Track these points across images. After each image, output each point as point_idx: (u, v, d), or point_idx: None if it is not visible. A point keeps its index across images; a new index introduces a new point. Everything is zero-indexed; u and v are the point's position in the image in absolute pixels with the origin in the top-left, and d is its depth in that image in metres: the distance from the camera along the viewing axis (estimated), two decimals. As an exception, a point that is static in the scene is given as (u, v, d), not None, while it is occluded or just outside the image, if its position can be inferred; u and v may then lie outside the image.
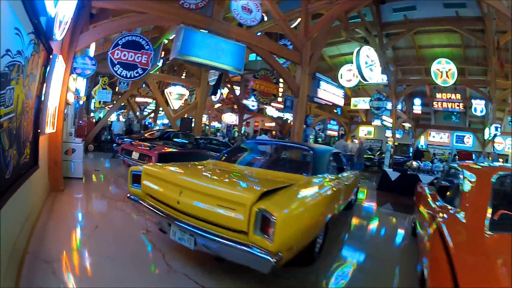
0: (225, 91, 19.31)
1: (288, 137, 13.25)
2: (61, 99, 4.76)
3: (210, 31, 6.18)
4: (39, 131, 3.06)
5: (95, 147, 11.51)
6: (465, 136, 20.52)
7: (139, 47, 5.80)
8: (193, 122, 12.88)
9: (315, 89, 9.31)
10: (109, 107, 17.62)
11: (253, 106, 18.97)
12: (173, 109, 14.48)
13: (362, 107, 19.01)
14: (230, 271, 2.68)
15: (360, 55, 10.94)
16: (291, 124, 13.34)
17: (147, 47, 5.84)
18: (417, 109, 19.57)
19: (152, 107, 21.88)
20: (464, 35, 12.76)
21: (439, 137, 21.73)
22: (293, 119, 8.81)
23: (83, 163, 6.22)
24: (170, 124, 13.67)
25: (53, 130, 4.31)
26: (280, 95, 14.32)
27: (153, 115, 21.53)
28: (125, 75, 5.74)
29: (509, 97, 13.58)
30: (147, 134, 10.29)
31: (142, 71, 5.81)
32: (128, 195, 3.16)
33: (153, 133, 10.28)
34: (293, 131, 8.54)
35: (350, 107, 19.54)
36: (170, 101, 14.40)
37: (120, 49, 5.67)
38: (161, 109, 16.46)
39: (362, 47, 11.16)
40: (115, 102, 15.12)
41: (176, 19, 5.99)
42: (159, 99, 14.15)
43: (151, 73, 11.32)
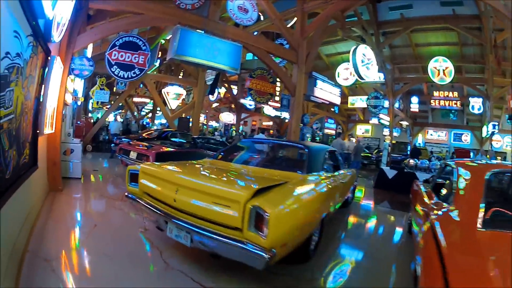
0: (223, 90, 19.28)
1: (285, 135, 13.27)
2: (60, 100, 4.78)
3: (206, 31, 6.21)
4: (38, 132, 3.10)
5: (93, 148, 11.53)
6: (463, 134, 20.56)
7: (136, 47, 5.84)
8: (190, 121, 12.91)
9: (311, 88, 9.34)
10: (107, 108, 17.64)
11: (250, 105, 18.91)
12: (170, 109, 14.49)
13: (359, 105, 19.02)
14: (226, 268, 2.72)
15: (356, 53, 10.97)
16: (288, 123, 13.37)
17: (144, 48, 5.88)
18: (415, 107, 19.65)
19: (149, 107, 21.93)
20: (461, 33, 12.77)
21: (436, 135, 21.77)
22: (290, 118, 8.86)
23: (82, 163, 6.25)
24: (167, 124, 13.69)
25: (52, 130, 4.34)
26: (277, 94, 14.34)
27: (150, 115, 21.57)
28: (122, 76, 5.79)
29: (506, 94, 13.60)
30: (145, 134, 10.30)
31: (139, 72, 5.86)
32: (126, 194, 3.20)
33: (150, 132, 10.28)
34: (289, 130, 8.58)
35: (347, 105, 19.54)
36: (167, 101, 14.41)
37: (117, 50, 5.72)
38: (158, 109, 16.45)
39: (358, 46, 11.18)
40: (112, 102, 15.11)
41: (172, 20, 6.03)
42: (157, 99, 14.16)
43: (148, 73, 11.36)
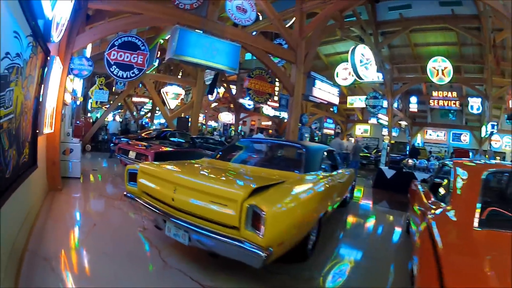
0: (221, 90, 19.27)
1: (283, 135, 13.29)
2: (59, 100, 4.80)
3: (205, 31, 6.23)
4: (37, 131, 3.12)
5: (92, 147, 11.55)
6: (461, 134, 20.59)
7: (135, 47, 5.85)
8: (189, 121, 12.92)
9: (310, 88, 9.36)
10: (106, 107, 17.63)
11: (249, 105, 18.87)
12: (169, 108, 14.49)
13: (358, 105, 19.01)
14: (225, 267, 2.74)
15: (355, 53, 11.00)
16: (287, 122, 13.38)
17: (143, 48, 5.90)
18: (414, 107, 19.64)
19: (148, 106, 21.88)
20: (460, 33, 12.77)
21: (435, 135, 21.80)
22: (288, 117, 8.87)
23: (81, 163, 6.27)
24: (166, 123, 13.69)
25: (51, 130, 4.37)
26: (276, 94, 14.34)
27: (149, 115, 21.53)
28: (121, 76, 5.80)
29: (505, 94, 13.63)
30: (143, 133, 10.31)
31: (138, 71, 5.87)
32: (125, 193, 3.22)
33: (149, 132, 10.29)
34: (288, 130, 8.60)
35: (346, 105, 19.53)
36: (166, 100, 14.41)
37: (116, 49, 5.73)
38: (157, 108, 16.44)
39: (357, 46, 11.22)
40: (111, 102, 15.11)
41: (171, 20, 6.05)
42: (156, 99, 14.17)
43: (147, 73, 11.37)
